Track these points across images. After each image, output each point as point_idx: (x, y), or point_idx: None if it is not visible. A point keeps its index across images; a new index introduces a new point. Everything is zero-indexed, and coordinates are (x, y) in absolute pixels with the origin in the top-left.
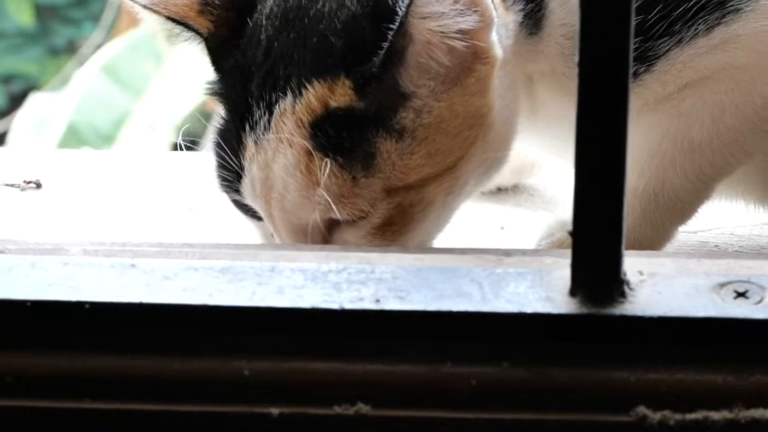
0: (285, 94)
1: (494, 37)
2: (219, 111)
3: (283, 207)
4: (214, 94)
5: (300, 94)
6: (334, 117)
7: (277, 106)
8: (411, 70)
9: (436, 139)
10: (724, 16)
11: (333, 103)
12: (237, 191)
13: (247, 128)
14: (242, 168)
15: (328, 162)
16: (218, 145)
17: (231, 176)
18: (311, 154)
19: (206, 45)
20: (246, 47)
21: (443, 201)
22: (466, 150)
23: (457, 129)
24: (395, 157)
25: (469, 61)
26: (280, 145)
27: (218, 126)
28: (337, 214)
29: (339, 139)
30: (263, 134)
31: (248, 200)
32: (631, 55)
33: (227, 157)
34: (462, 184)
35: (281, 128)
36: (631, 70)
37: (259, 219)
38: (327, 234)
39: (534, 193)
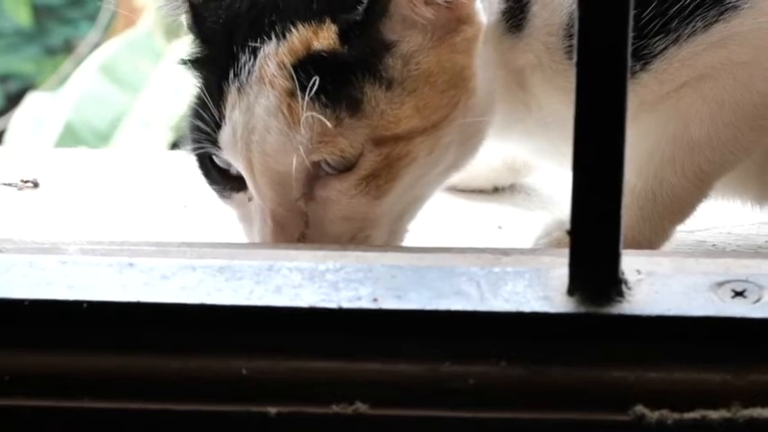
0: (270, 39)
1: (478, 4)
2: (194, 85)
3: (264, 150)
4: (190, 62)
5: (284, 37)
6: (318, 59)
7: (261, 50)
8: (395, 21)
9: (425, 93)
10: (722, 13)
11: (316, 45)
12: (215, 143)
13: (231, 76)
14: (222, 118)
15: (310, 101)
16: (194, 108)
17: (209, 129)
18: (293, 95)
19: (190, 8)
20: (232, 1)
21: (426, 160)
22: (451, 110)
23: (444, 85)
24: (384, 105)
25: (455, 22)
26: (263, 87)
27: (193, 99)
28: (319, 155)
29: (322, 80)
30: (247, 79)
31: (226, 151)
32: (629, 53)
33: (206, 112)
34: (444, 146)
35: (264, 70)
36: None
37: (234, 190)
38: (309, 190)
39: (532, 192)
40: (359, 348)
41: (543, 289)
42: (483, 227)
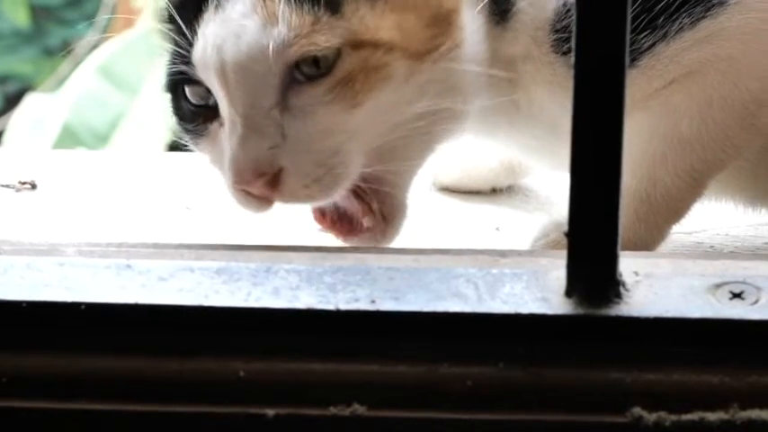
0: None
1: None
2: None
3: (239, 49)
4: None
5: None
6: None
7: None
8: None
9: (408, 18)
10: (708, 9)
11: None
12: (188, 62)
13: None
14: (195, 37)
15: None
16: (171, 50)
17: (183, 53)
18: None
19: None
20: None
21: (401, 85)
22: (433, 48)
23: (428, 20)
24: (364, 11)
25: None
26: None
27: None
28: (296, 49)
29: None
30: None
31: (199, 66)
32: (627, 57)
33: (180, 36)
34: (421, 82)
35: None
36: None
37: (209, 120)
38: (283, 100)
39: (529, 193)
40: (357, 350)
41: (541, 290)
42: (481, 228)
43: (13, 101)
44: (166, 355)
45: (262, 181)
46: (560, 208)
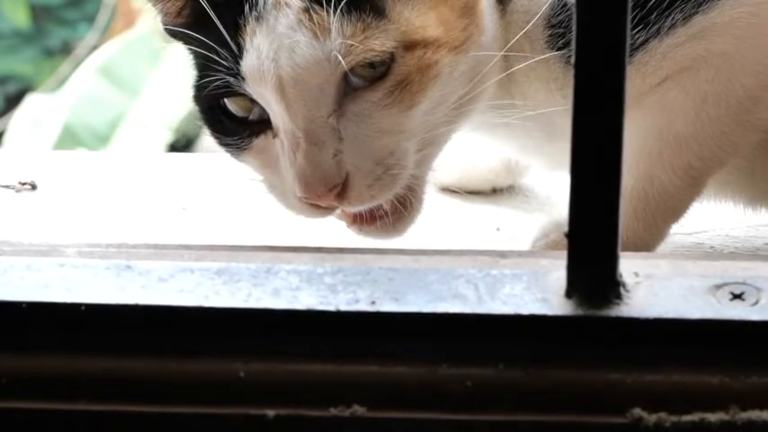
0: None
1: None
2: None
3: (295, 63)
4: (185, 25)
5: None
6: None
7: None
8: None
9: (444, 11)
10: (700, 5)
11: None
12: (236, 75)
13: (246, 9)
14: (242, 50)
15: (334, 9)
16: (200, 64)
17: (227, 65)
18: (314, 7)
19: None
20: None
21: (448, 79)
22: (466, 38)
23: (460, 11)
24: (407, 13)
25: None
26: (281, 9)
27: (194, 61)
28: (352, 57)
29: None
30: (264, 7)
31: (251, 79)
32: (627, 56)
33: (219, 55)
34: (460, 73)
35: None
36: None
37: (254, 135)
38: (340, 107)
39: (530, 194)
40: (357, 351)
41: (541, 291)
42: (481, 229)
43: (13, 101)
44: (166, 356)
45: (333, 193)
46: (560, 208)
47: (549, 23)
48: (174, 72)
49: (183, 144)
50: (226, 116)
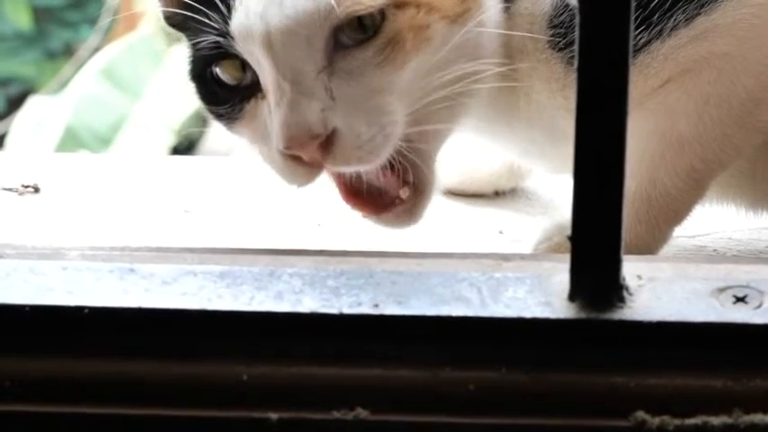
0: None
1: None
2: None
3: (284, 16)
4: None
5: None
6: None
7: None
8: None
9: None
10: (702, 6)
11: None
12: (225, 35)
13: None
14: (231, 10)
15: None
16: (194, 18)
17: (217, 27)
18: None
19: None
20: None
21: (439, 49)
22: (462, 12)
23: None
24: None
25: None
26: None
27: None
28: (343, 9)
29: None
30: None
31: (239, 38)
32: (631, 62)
33: (212, 9)
34: (454, 47)
35: None
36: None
37: (246, 100)
38: (330, 64)
39: (532, 197)
40: (360, 354)
41: (544, 294)
42: (484, 232)
43: (15, 103)
44: (169, 359)
45: (315, 144)
46: (563, 211)
47: (552, 23)
48: (176, 74)
49: (185, 146)
50: (218, 85)
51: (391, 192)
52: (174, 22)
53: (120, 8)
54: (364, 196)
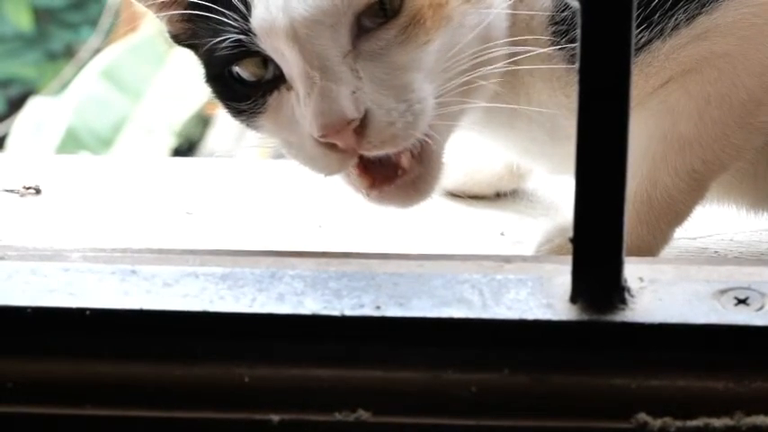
0: None
1: None
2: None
3: (307, 6)
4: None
5: None
6: None
7: None
8: None
9: None
10: (704, 5)
11: None
12: (247, 33)
13: None
14: (250, 8)
15: None
16: (212, 21)
17: (236, 26)
18: None
19: None
20: None
21: (457, 30)
22: None
23: None
24: None
25: None
26: None
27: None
28: None
29: None
30: None
31: (261, 33)
32: (632, 69)
33: (230, 9)
34: (468, 27)
35: None
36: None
37: (269, 93)
38: (355, 48)
39: (534, 198)
40: (361, 356)
41: (546, 296)
42: (485, 233)
43: (16, 104)
44: (171, 361)
45: (350, 129)
46: (565, 213)
47: (553, 20)
48: (177, 76)
49: (186, 148)
50: (239, 83)
51: (394, 158)
52: (181, 39)
53: (121, 9)
54: (373, 167)
